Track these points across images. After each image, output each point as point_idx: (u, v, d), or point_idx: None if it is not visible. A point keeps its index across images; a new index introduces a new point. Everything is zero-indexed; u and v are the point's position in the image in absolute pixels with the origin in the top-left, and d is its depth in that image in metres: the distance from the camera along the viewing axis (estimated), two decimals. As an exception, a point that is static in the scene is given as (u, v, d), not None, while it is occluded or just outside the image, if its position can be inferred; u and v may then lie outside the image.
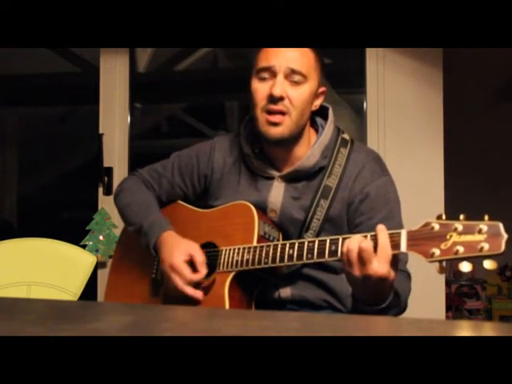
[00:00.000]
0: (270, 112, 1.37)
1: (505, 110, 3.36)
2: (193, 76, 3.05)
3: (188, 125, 3.23)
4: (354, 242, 1.17)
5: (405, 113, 2.31)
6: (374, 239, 1.16)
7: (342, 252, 1.20)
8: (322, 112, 1.49)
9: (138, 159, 2.54)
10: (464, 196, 2.74)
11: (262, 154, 1.47)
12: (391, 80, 2.32)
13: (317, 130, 1.49)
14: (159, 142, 3.32)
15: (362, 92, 2.41)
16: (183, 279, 1.38)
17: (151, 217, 1.51)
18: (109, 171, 2.51)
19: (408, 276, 1.39)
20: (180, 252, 1.40)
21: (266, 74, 1.38)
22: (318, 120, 1.50)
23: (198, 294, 1.38)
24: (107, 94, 2.54)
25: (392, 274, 1.17)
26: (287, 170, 1.44)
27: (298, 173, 1.43)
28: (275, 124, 1.37)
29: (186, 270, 1.38)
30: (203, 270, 1.39)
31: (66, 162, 3.68)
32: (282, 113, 1.37)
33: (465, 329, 0.85)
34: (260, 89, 1.38)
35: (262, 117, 1.38)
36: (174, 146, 1.72)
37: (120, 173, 2.50)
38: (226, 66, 3.18)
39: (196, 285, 1.39)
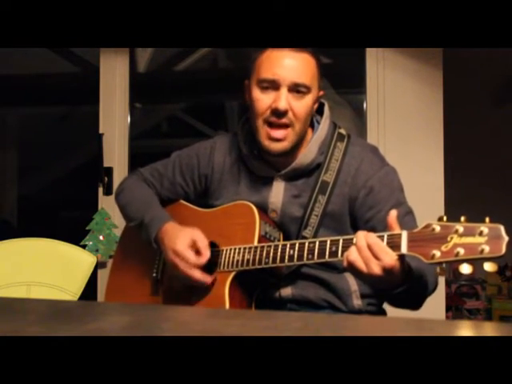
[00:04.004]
0: (272, 125, 1.36)
1: (505, 110, 3.36)
2: (193, 76, 3.05)
3: (188, 125, 3.23)
4: (362, 239, 1.15)
5: (405, 113, 2.31)
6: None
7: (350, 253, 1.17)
8: (317, 107, 1.48)
9: (138, 159, 2.54)
10: (464, 196, 2.73)
11: (260, 155, 1.47)
12: (391, 80, 2.32)
13: (313, 126, 1.48)
14: (159, 141, 3.32)
15: (362, 92, 2.41)
16: (189, 264, 1.38)
17: (152, 211, 1.51)
18: (109, 171, 2.51)
19: None
20: (182, 238, 1.40)
21: (268, 85, 1.36)
22: (314, 116, 1.49)
23: (206, 278, 1.38)
24: (107, 94, 2.54)
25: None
26: (286, 168, 1.44)
27: (296, 171, 1.43)
28: (278, 140, 1.37)
29: (191, 255, 1.38)
30: (207, 253, 1.38)
31: (66, 162, 3.68)
32: (286, 125, 1.36)
33: (465, 329, 0.85)
34: (262, 100, 1.36)
35: (263, 130, 1.37)
36: (174, 145, 1.72)
37: (120, 173, 2.49)
38: (226, 66, 3.18)
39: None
